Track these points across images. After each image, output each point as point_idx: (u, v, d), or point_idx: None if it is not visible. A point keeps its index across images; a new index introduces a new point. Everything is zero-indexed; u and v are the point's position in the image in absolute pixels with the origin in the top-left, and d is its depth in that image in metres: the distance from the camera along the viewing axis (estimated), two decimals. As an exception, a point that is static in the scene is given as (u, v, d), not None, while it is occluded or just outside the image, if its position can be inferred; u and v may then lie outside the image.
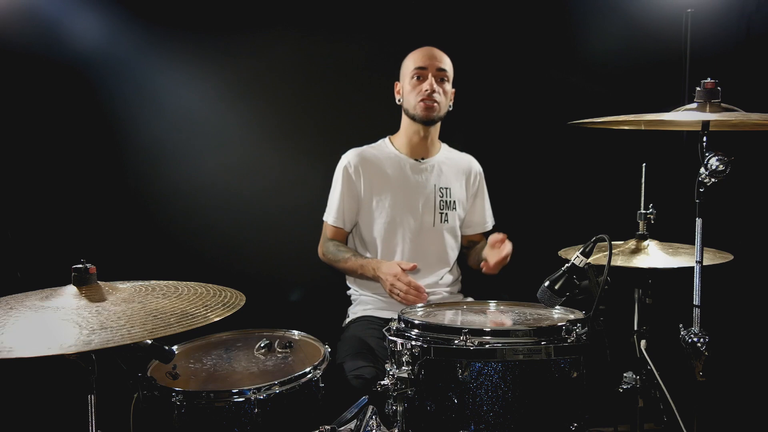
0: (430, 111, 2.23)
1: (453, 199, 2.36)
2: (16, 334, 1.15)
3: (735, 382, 2.58)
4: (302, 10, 2.58)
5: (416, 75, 2.24)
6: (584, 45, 2.74)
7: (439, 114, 2.26)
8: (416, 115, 2.25)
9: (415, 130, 2.29)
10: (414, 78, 2.24)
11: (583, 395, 1.51)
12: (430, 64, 2.23)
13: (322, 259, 2.36)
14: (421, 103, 2.22)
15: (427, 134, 2.30)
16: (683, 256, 1.91)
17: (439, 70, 2.23)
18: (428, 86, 2.21)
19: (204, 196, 2.57)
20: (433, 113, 2.24)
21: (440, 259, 2.35)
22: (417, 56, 2.26)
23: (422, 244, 2.30)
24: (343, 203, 2.29)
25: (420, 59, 2.25)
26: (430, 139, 2.32)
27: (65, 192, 2.41)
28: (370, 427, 1.52)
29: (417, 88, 2.23)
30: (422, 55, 2.25)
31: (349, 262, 2.24)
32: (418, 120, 2.26)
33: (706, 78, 1.62)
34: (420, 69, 2.23)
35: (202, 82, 2.54)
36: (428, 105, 2.22)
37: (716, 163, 1.50)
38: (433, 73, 2.22)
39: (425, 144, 2.33)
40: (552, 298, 1.62)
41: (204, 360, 1.69)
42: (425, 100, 2.21)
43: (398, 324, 1.60)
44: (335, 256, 2.28)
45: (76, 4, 2.37)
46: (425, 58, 2.24)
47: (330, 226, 2.33)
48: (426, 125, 2.28)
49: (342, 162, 2.32)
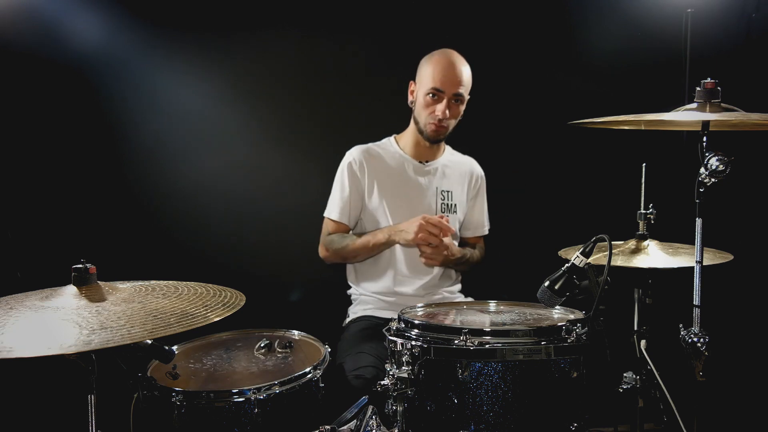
0: (438, 135, 2.24)
1: (454, 203, 2.36)
2: (16, 334, 1.15)
3: (735, 382, 2.58)
4: (303, 9, 2.58)
5: (432, 94, 2.18)
6: (584, 45, 2.74)
7: (447, 134, 2.27)
8: (424, 132, 2.26)
9: (422, 139, 2.30)
10: (429, 96, 2.19)
11: (583, 395, 1.51)
12: (448, 90, 2.16)
13: (325, 255, 2.32)
14: (431, 125, 2.22)
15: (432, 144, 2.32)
16: (683, 256, 1.91)
17: (456, 95, 2.18)
18: (441, 114, 2.18)
19: (204, 196, 2.57)
20: (440, 136, 2.26)
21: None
22: (437, 73, 2.17)
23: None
24: (349, 199, 2.28)
25: (440, 80, 2.16)
26: (435, 145, 2.34)
27: (65, 192, 2.41)
28: (370, 427, 1.52)
29: (430, 107, 2.20)
30: (442, 76, 2.16)
31: (358, 240, 2.21)
32: (425, 137, 2.27)
33: (706, 78, 1.62)
34: (437, 90, 2.17)
35: (202, 82, 2.55)
36: (437, 130, 2.22)
37: (716, 163, 1.50)
38: (449, 97, 2.18)
39: (431, 150, 2.35)
40: (552, 298, 1.62)
41: (204, 360, 1.69)
42: (436, 124, 2.21)
43: (398, 324, 1.60)
44: (341, 244, 2.25)
45: (76, 4, 2.37)
46: (445, 81, 2.16)
47: (332, 221, 2.31)
48: (432, 143, 2.30)
49: (347, 158, 2.32)
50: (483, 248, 2.49)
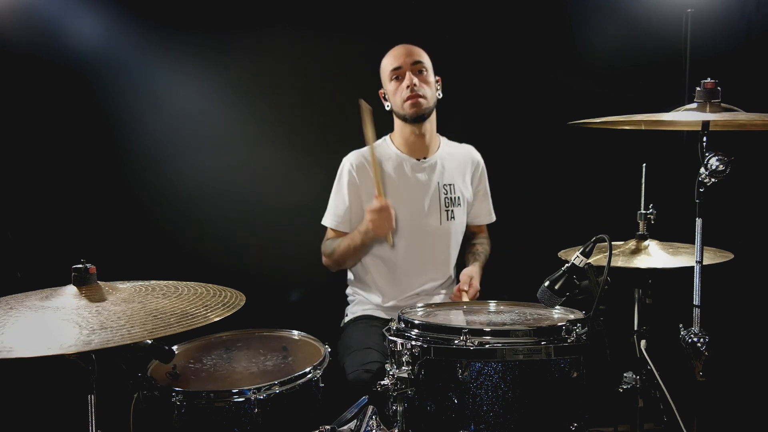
0: (418, 107, 2.19)
1: (457, 195, 2.33)
2: (16, 334, 1.15)
3: (735, 382, 2.58)
4: (302, 9, 2.58)
5: (394, 76, 2.22)
6: (584, 45, 2.74)
7: (428, 106, 2.22)
8: (406, 114, 2.21)
9: (410, 130, 2.26)
10: (393, 80, 2.22)
11: (583, 395, 1.51)
12: (404, 62, 2.20)
13: (326, 263, 2.30)
14: (407, 102, 2.19)
15: (423, 132, 2.26)
16: (683, 256, 1.91)
17: (414, 64, 2.20)
18: (408, 82, 2.18)
19: (204, 196, 2.57)
20: (421, 108, 2.20)
21: (443, 259, 2.33)
22: (390, 58, 2.24)
23: (427, 246, 2.28)
24: (350, 207, 2.25)
25: (393, 59, 2.23)
26: (427, 136, 2.28)
27: (65, 192, 2.41)
28: (370, 427, 1.52)
29: (398, 88, 2.21)
30: (395, 55, 2.23)
31: (342, 245, 2.20)
32: (410, 119, 2.22)
33: (706, 78, 1.62)
34: (396, 69, 2.21)
35: (202, 82, 2.54)
36: (414, 101, 2.18)
37: (716, 163, 1.50)
38: (409, 68, 2.19)
39: (423, 142, 2.29)
40: (552, 298, 1.62)
41: (204, 360, 1.69)
42: (410, 97, 2.18)
43: (398, 324, 1.60)
44: (331, 248, 2.24)
45: (76, 4, 2.37)
46: (398, 56, 2.22)
47: (331, 230, 2.29)
48: (418, 122, 2.23)
49: (345, 165, 2.29)
50: (488, 237, 2.48)
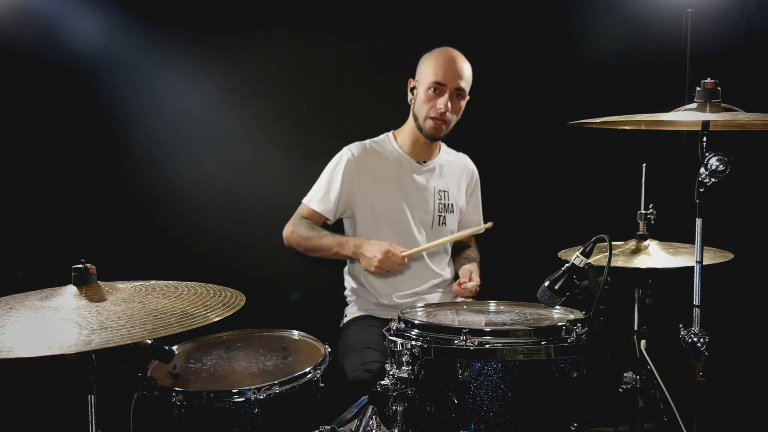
0: (438, 131, 2.21)
1: (451, 202, 2.35)
2: (16, 334, 1.15)
3: (735, 382, 2.58)
4: (303, 8, 2.58)
5: (434, 88, 2.16)
6: (584, 45, 2.74)
7: (448, 130, 2.23)
8: (423, 129, 2.22)
9: (422, 139, 2.27)
10: (430, 90, 2.16)
11: (583, 395, 1.51)
12: (450, 83, 2.15)
13: (288, 236, 2.27)
14: (430, 121, 2.19)
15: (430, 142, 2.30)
16: (683, 256, 1.91)
17: (458, 89, 2.17)
18: (443, 107, 2.15)
19: (204, 196, 2.57)
20: (440, 133, 2.22)
21: (437, 260, 2.34)
22: (439, 67, 2.16)
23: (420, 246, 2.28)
24: (339, 195, 2.23)
25: (441, 74, 2.15)
26: (433, 144, 2.32)
27: (65, 192, 2.41)
28: (370, 427, 1.52)
29: (431, 102, 2.17)
30: (444, 70, 2.15)
31: (325, 238, 2.17)
32: (424, 134, 2.24)
33: (706, 78, 1.61)
34: (439, 84, 2.15)
35: (202, 82, 2.54)
36: (438, 126, 2.19)
37: (716, 163, 1.50)
38: (451, 90, 2.15)
39: (428, 148, 2.33)
40: (552, 298, 1.62)
41: (204, 360, 1.69)
42: (436, 119, 2.17)
43: (398, 324, 1.60)
44: (307, 233, 2.20)
45: (76, 4, 2.37)
46: (447, 74, 2.15)
47: (311, 210, 2.26)
48: (431, 140, 2.27)
49: (345, 154, 2.27)
50: (477, 247, 2.50)
